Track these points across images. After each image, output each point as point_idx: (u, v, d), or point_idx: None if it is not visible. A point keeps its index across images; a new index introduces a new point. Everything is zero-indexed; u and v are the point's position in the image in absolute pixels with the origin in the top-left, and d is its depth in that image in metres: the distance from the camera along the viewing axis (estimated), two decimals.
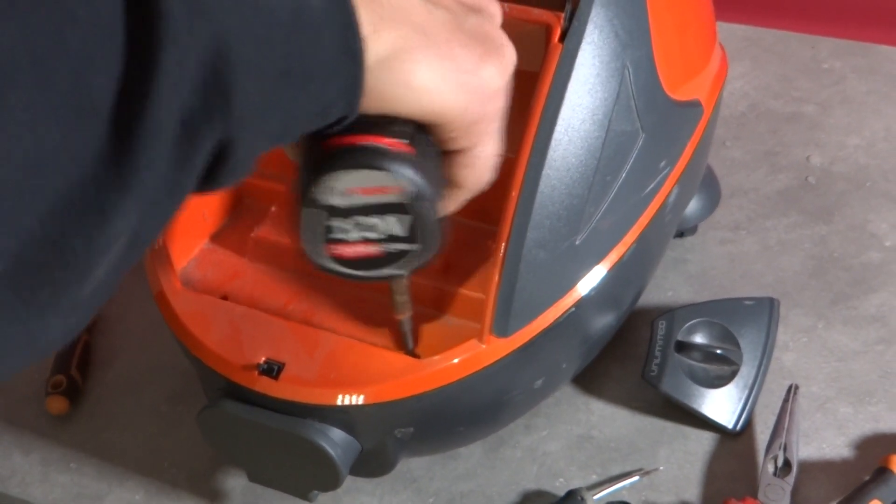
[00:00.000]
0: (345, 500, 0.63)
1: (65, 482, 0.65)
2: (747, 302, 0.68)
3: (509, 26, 0.48)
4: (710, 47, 0.65)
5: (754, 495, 0.60)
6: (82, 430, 0.68)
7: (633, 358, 0.68)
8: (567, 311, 0.55)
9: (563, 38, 0.50)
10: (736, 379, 0.65)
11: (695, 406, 0.64)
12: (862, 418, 0.65)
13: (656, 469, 0.63)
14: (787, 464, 0.61)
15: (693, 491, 0.62)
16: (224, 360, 0.55)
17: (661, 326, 0.66)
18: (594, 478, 0.63)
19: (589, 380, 0.68)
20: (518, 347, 0.54)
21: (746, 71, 0.91)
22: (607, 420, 0.66)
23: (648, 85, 0.55)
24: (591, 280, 0.55)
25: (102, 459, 0.66)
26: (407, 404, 0.52)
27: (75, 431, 0.68)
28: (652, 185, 0.57)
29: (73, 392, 0.68)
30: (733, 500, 0.59)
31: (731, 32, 0.94)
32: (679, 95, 0.57)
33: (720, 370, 0.66)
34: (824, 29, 0.93)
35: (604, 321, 0.61)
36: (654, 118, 0.55)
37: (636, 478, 0.63)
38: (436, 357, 0.53)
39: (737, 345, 0.66)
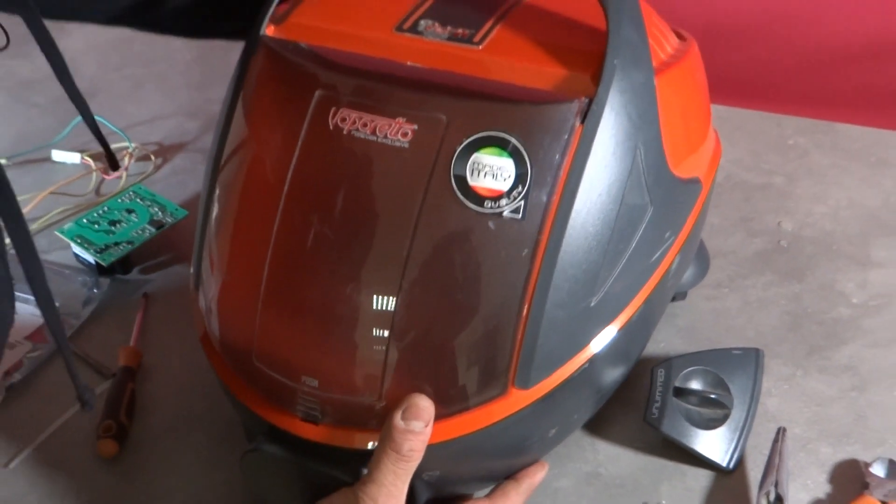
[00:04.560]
0: None
1: None
2: (736, 352, 0.69)
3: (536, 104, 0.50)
4: (707, 130, 0.67)
5: None
6: (130, 471, 0.68)
7: (634, 402, 0.69)
8: (582, 366, 0.55)
9: (584, 119, 0.51)
10: (728, 421, 0.66)
11: (692, 446, 0.65)
12: (840, 457, 0.66)
13: (659, 503, 0.64)
14: (780, 498, 0.62)
15: None
16: (267, 405, 0.56)
17: (661, 374, 0.68)
18: None
19: (595, 422, 0.69)
20: (537, 399, 0.54)
21: (722, 145, 0.93)
22: (613, 459, 0.67)
23: (656, 164, 0.56)
24: (603, 338, 0.56)
25: (149, 499, 0.66)
26: (437, 450, 0.53)
27: (123, 472, 0.68)
28: (658, 254, 0.59)
29: (121, 436, 0.69)
30: None
31: None
32: (682, 173, 0.59)
33: (714, 413, 0.67)
34: (789, 109, 0.95)
35: (613, 375, 0.61)
36: (660, 193, 0.56)
37: None
38: (466, 405, 0.53)
39: (728, 390, 0.67)
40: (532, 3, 0.59)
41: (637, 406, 0.68)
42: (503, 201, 0.50)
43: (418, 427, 0.51)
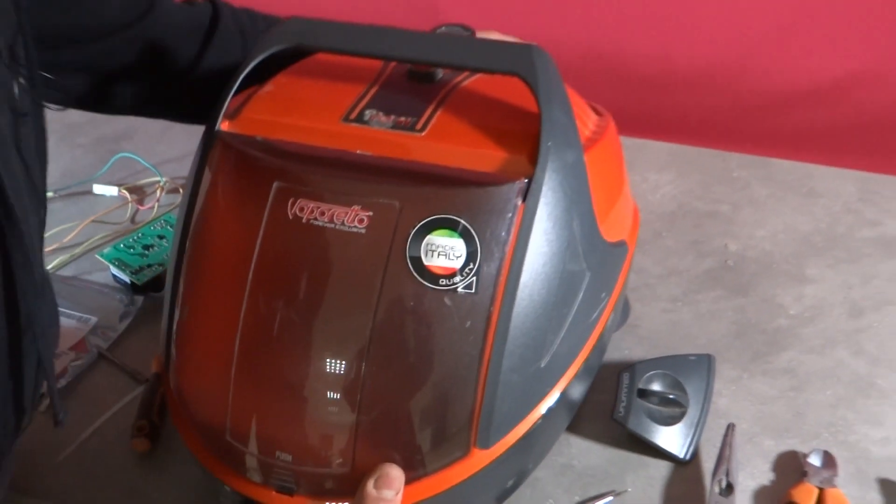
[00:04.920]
0: None
1: None
2: (691, 358, 0.69)
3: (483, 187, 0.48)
4: (628, 196, 0.65)
5: None
6: (161, 464, 0.68)
7: (603, 403, 0.68)
8: (536, 422, 0.53)
9: (525, 198, 0.49)
10: (685, 418, 0.66)
11: (654, 440, 0.65)
12: (782, 449, 0.67)
13: (625, 490, 0.64)
14: (730, 486, 0.62)
15: None
16: (242, 479, 0.53)
17: (626, 378, 0.68)
18: (576, 498, 0.63)
19: None
20: (497, 457, 0.52)
21: (674, 178, 0.93)
22: (584, 452, 0.67)
23: (590, 233, 0.54)
24: (553, 395, 0.54)
25: (178, 489, 0.66)
26: None
27: (155, 466, 0.68)
28: (596, 314, 0.57)
29: (153, 434, 0.68)
30: None
31: (661, 149, 0.97)
32: (610, 238, 0.57)
33: (672, 411, 0.67)
34: (732, 146, 0.95)
35: (563, 423, 0.60)
36: (595, 259, 0.54)
37: (609, 498, 0.63)
38: (433, 468, 0.51)
39: (684, 391, 0.67)
40: (466, 88, 0.57)
41: (605, 406, 0.68)
42: (456, 278, 0.49)
43: (389, 495, 0.49)
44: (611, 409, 0.67)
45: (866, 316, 0.77)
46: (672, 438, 0.65)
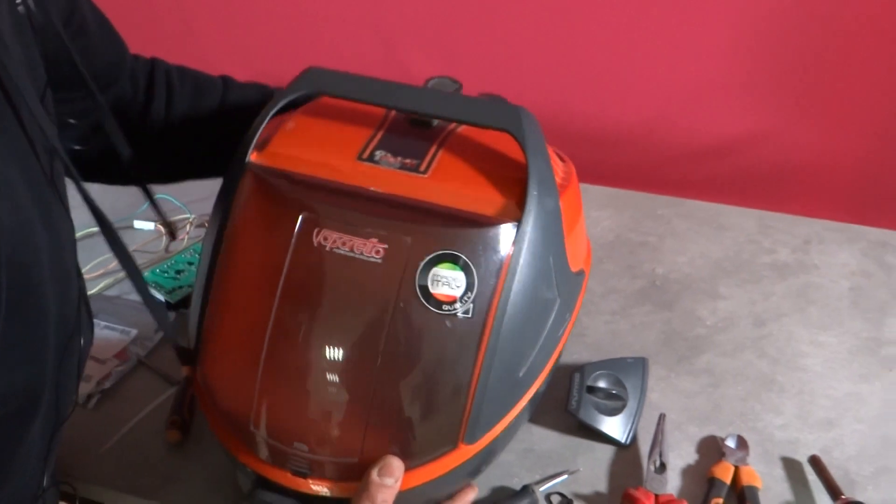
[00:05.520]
0: None
1: (178, 490, 0.63)
2: (629, 360, 0.69)
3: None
4: (585, 235, 0.64)
5: (642, 485, 0.61)
6: (192, 454, 0.65)
7: (559, 398, 0.68)
8: (512, 421, 0.53)
9: (514, 239, 0.49)
10: (625, 410, 0.66)
11: (600, 428, 0.65)
12: (703, 434, 0.66)
13: (577, 470, 0.63)
14: (663, 465, 0.62)
15: (602, 484, 0.62)
16: (262, 463, 0.51)
17: (577, 377, 0.67)
18: (537, 476, 0.63)
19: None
20: (479, 450, 0.51)
21: (611, 215, 0.93)
22: (543, 438, 0.66)
23: (562, 266, 0.53)
24: (527, 398, 0.54)
25: (206, 476, 0.64)
26: (402, 495, 0.50)
27: (186, 455, 0.65)
28: (561, 331, 0.56)
29: (184, 427, 0.66)
30: (630, 489, 0.60)
31: (601, 192, 0.96)
32: (574, 268, 0.57)
33: (615, 404, 0.66)
34: (657, 190, 0.96)
35: (527, 417, 0.58)
36: (564, 287, 0.54)
37: (565, 476, 0.63)
38: (427, 459, 0.50)
39: (624, 388, 0.67)
40: (461, 135, 0.55)
41: (560, 400, 0.67)
42: (457, 305, 0.48)
43: (391, 482, 0.48)
44: (565, 402, 0.66)
45: (767, 326, 0.77)
46: (615, 427, 0.65)
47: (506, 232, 0.49)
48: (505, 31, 1.02)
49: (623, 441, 0.65)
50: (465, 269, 0.48)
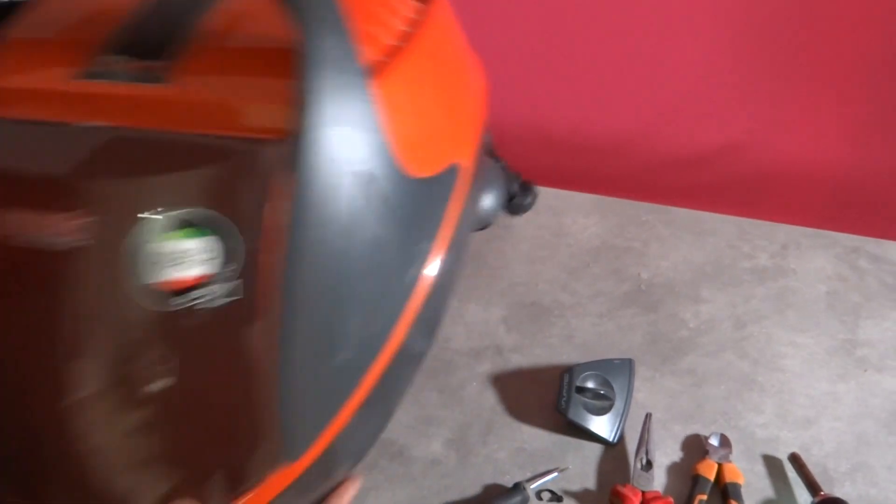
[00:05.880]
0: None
1: None
2: (616, 361, 0.70)
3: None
4: (464, 95, 0.41)
5: (629, 482, 0.62)
6: None
7: (549, 398, 0.69)
8: (356, 411, 0.38)
9: (287, 163, 0.31)
10: (612, 409, 0.66)
11: (588, 427, 0.65)
12: (688, 432, 0.67)
13: (567, 468, 0.64)
14: (649, 462, 0.63)
15: (591, 481, 0.63)
16: None
17: (566, 377, 0.68)
18: (529, 474, 0.64)
19: (520, 412, 0.68)
20: (312, 463, 0.38)
21: (598, 221, 0.94)
22: (534, 437, 0.67)
23: (389, 178, 0.35)
24: (363, 389, 0.38)
25: None
26: None
27: None
28: (412, 272, 0.37)
29: None
30: (618, 486, 0.61)
31: (587, 199, 0.97)
32: (428, 171, 0.37)
33: (603, 404, 0.67)
34: (642, 197, 0.97)
35: (394, 402, 0.44)
36: (402, 209, 0.35)
37: (555, 473, 0.63)
38: (251, 483, 0.37)
39: (612, 388, 0.68)
40: (230, 11, 0.37)
41: (550, 400, 0.68)
42: (213, 287, 0.31)
43: None
44: (555, 402, 0.67)
45: (747, 328, 0.78)
46: (603, 426, 0.66)
47: (274, 157, 0.30)
48: (490, 39, 1.03)
49: (611, 440, 0.66)
50: (219, 230, 0.31)
